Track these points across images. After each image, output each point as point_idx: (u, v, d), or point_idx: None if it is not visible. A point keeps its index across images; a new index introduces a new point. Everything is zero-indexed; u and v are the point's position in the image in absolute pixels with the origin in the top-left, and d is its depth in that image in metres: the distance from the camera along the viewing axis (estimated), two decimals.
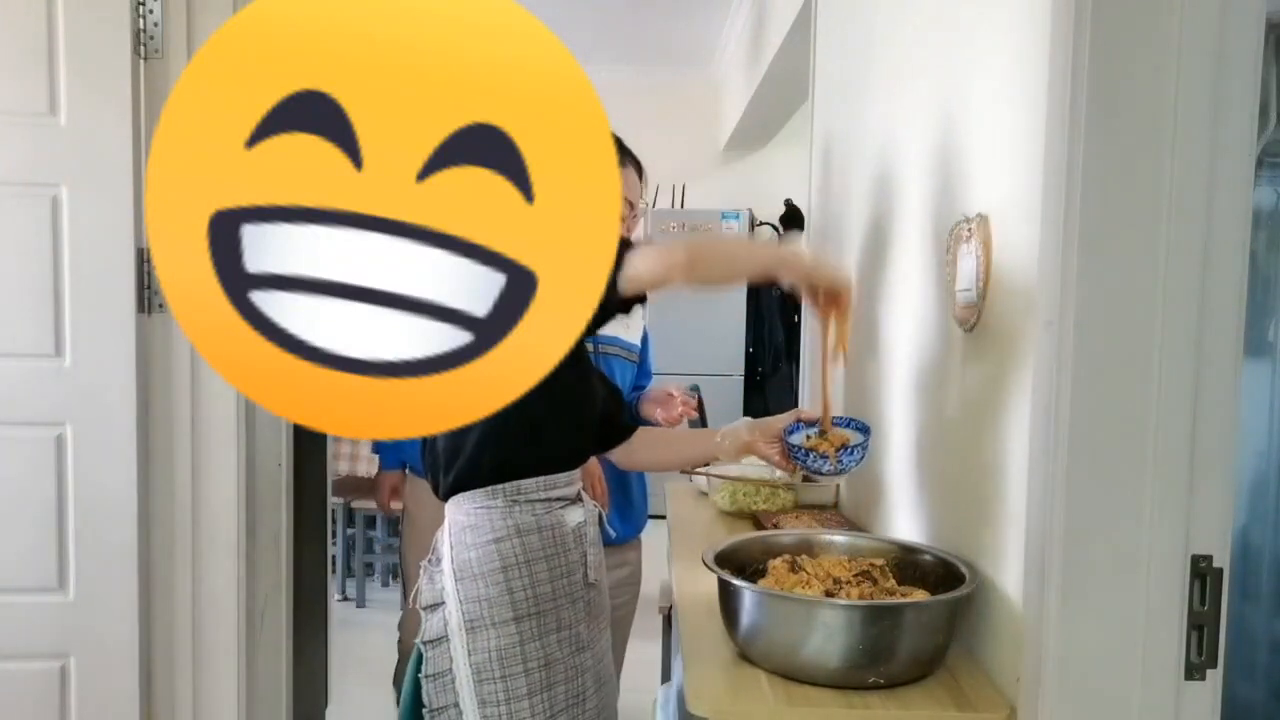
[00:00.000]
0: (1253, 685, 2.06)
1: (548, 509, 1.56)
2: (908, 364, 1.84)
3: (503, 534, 1.53)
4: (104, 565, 1.94)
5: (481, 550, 1.52)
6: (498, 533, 1.53)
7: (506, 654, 1.50)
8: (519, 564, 1.52)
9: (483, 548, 1.52)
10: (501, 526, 1.53)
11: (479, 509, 1.54)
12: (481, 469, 1.55)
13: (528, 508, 1.55)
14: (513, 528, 1.53)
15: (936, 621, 1.33)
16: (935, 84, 1.74)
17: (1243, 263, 1.14)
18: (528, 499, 1.55)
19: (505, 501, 1.54)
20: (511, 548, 1.52)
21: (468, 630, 1.51)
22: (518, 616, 1.50)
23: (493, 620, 1.50)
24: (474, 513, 1.55)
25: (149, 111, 1.91)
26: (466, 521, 1.55)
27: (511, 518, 1.54)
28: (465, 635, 1.51)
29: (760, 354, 6.41)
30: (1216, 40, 1.11)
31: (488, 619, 1.50)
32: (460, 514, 1.56)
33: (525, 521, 1.54)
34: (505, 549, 1.52)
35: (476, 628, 1.50)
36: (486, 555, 1.52)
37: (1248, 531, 2.06)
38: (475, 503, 1.55)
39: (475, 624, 1.51)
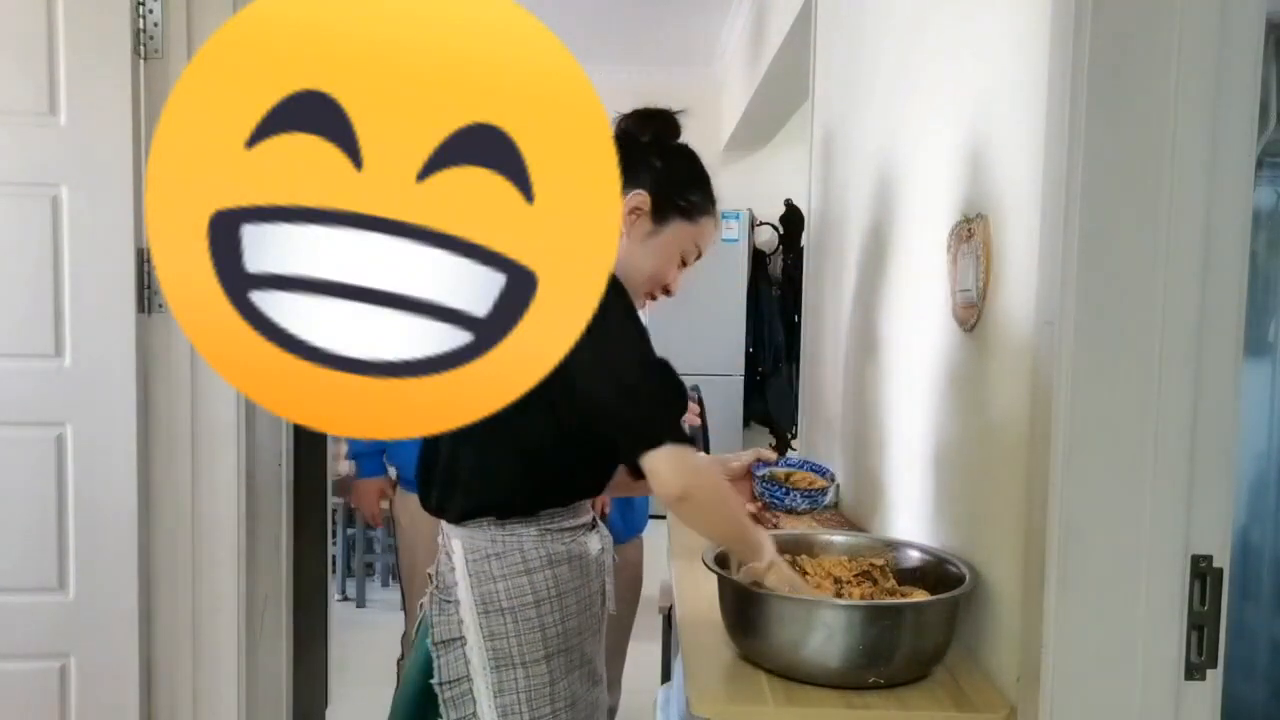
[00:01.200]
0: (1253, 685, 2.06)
1: (574, 537, 1.45)
2: (908, 363, 1.84)
3: (535, 565, 1.40)
4: (104, 565, 1.93)
5: (511, 582, 1.39)
6: (530, 563, 1.40)
7: (535, 694, 1.38)
8: (550, 598, 1.40)
9: (513, 579, 1.39)
10: (534, 556, 1.40)
11: (508, 536, 1.41)
12: (518, 494, 1.41)
13: (558, 536, 1.43)
14: (545, 558, 1.41)
15: (936, 621, 1.33)
16: (935, 84, 1.74)
17: (1243, 263, 1.14)
18: (560, 527, 1.43)
19: (538, 530, 1.41)
20: (544, 580, 1.40)
21: (494, 669, 1.38)
22: (549, 655, 1.39)
23: (523, 659, 1.38)
24: (501, 540, 1.41)
25: (149, 111, 1.91)
26: (490, 549, 1.41)
27: (544, 547, 1.41)
28: (491, 675, 1.38)
29: (760, 354, 6.41)
30: (1216, 40, 1.11)
31: (517, 658, 1.38)
32: (482, 539, 1.42)
33: (557, 551, 1.42)
34: (537, 581, 1.40)
35: (503, 667, 1.38)
36: (516, 588, 1.39)
37: (1248, 531, 2.06)
38: (503, 529, 1.42)
39: (502, 663, 1.38)
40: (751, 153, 6.79)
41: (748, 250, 6.38)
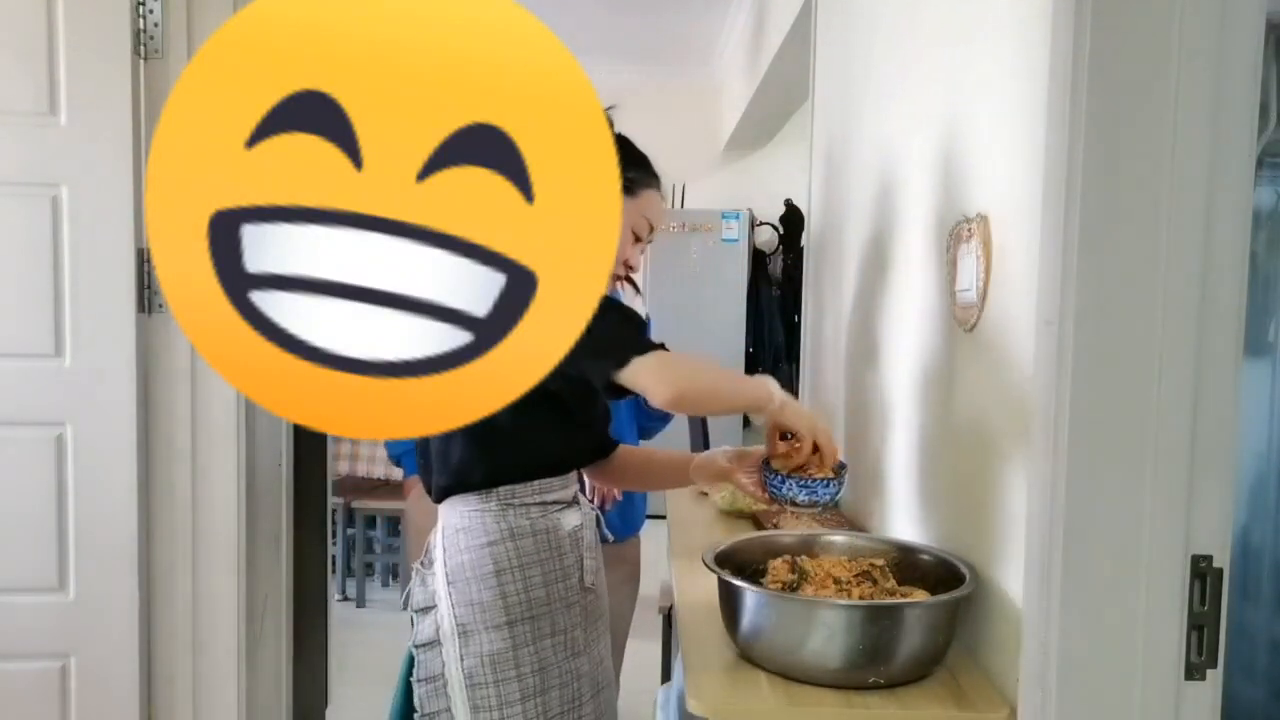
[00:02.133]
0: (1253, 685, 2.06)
1: (543, 512, 1.55)
2: (908, 363, 1.84)
3: (496, 537, 1.51)
4: (104, 565, 1.94)
5: (475, 554, 1.51)
6: (490, 536, 1.51)
7: (499, 659, 1.48)
8: (512, 568, 1.50)
9: (476, 551, 1.51)
10: (495, 530, 1.52)
11: (472, 511, 1.53)
12: (474, 472, 1.53)
13: (522, 511, 1.53)
14: (506, 531, 1.52)
15: (936, 621, 1.33)
16: (935, 84, 1.74)
17: (1243, 263, 1.14)
18: (522, 502, 1.54)
19: (499, 505, 1.53)
20: (505, 551, 1.51)
21: (460, 634, 1.49)
22: (511, 621, 1.49)
23: (485, 625, 1.49)
24: (467, 515, 1.53)
25: (149, 111, 1.91)
26: (460, 524, 1.53)
27: (505, 521, 1.52)
28: (458, 639, 1.49)
29: (760, 354, 6.41)
30: (1216, 40, 1.11)
31: (480, 623, 1.49)
32: (454, 516, 1.55)
33: (519, 525, 1.53)
34: (498, 552, 1.51)
35: (469, 632, 1.49)
36: (479, 559, 1.50)
37: (1248, 531, 2.07)
38: (469, 505, 1.54)
39: (468, 628, 1.49)
40: (751, 153, 6.79)
41: (748, 250, 6.38)
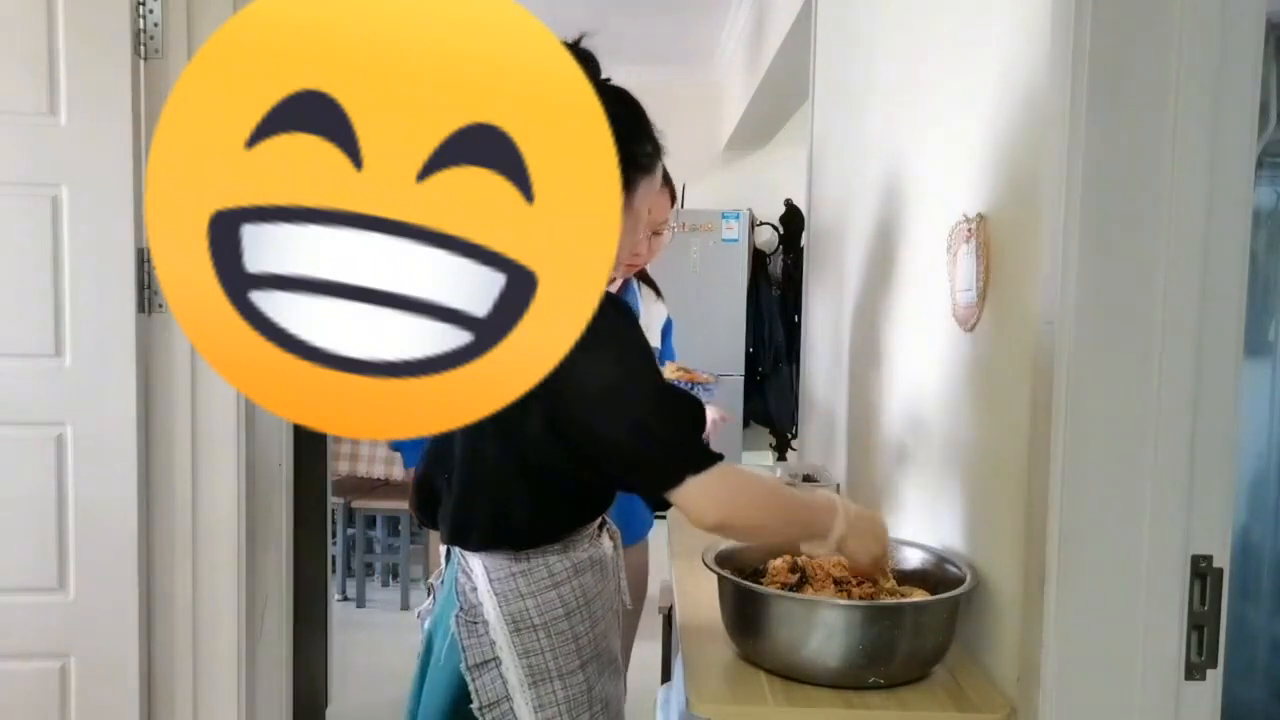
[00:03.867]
0: (1253, 685, 2.06)
1: (591, 542, 1.45)
2: (908, 363, 1.84)
3: (561, 577, 1.40)
4: (104, 565, 1.93)
5: (540, 599, 1.39)
6: (556, 577, 1.40)
7: (575, 703, 1.39)
8: (579, 607, 1.40)
9: (541, 595, 1.39)
10: (560, 569, 1.40)
11: (532, 551, 1.40)
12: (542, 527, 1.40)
13: (579, 544, 1.43)
14: (570, 569, 1.41)
15: (936, 621, 1.33)
16: (934, 83, 1.74)
17: (1243, 263, 1.14)
18: (579, 535, 1.44)
19: (562, 544, 1.41)
20: (572, 591, 1.40)
21: (531, 686, 1.37)
22: (584, 662, 1.40)
23: (559, 672, 1.38)
24: (526, 555, 1.40)
25: (149, 111, 1.91)
26: (514, 567, 1.39)
27: (568, 558, 1.41)
28: (530, 692, 1.37)
29: (760, 354, 6.40)
30: (1217, 40, 1.11)
31: (554, 671, 1.38)
32: (503, 558, 1.40)
33: (580, 560, 1.42)
34: (566, 594, 1.40)
35: (541, 681, 1.38)
36: (546, 603, 1.39)
37: (1248, 531, 2.07)
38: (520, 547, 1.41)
39: (539, 678, 1.38)
40: (751, 153, 6.79)
41: (748, 250, 6.38)
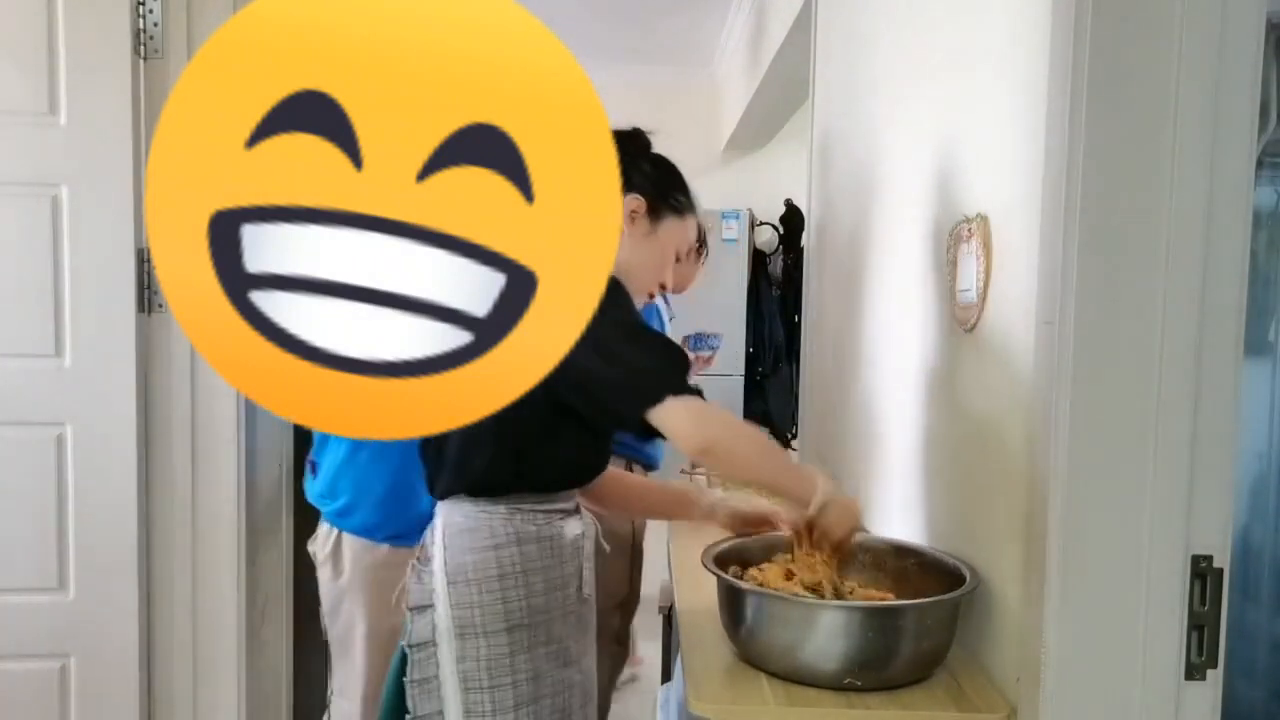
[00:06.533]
0: (1253, 685, 2.06)
1: (548, 520, 1.54)
2: (908, 363, 1.84)
3: (502, 540, 1.50)
4: (104, 565, 1.94)
5: (479, 556, 1.49)
6: (497, 539, 1.50)
7: (495, 664, 1.47)
8: (515, 573, 1.49)
9: (480, 553, 1.49)
10: (501, 533, 1.50)
11: (480, 513, 1.52)
12: (496, 478, 1.51)
13: (529, 516, 1.52)
14: (513, 535, 1.50)
15: (937, 621, 1.33)
16: (935, 84, 1.74)
17: (1243, 263, 1.14)
18: (530, 508, 1.53)
19: (508, 508, 1.51)
20: (510, 556, 1.50)
21: (458, 636, 1.47)
22: (510, 626, 1.48)
23: (484, 628, 1.47)
24: (474, 516, 1.51)
25: (149, 111, 1.91)
26: (465, 524, 1.51)
27: (512, 525, 1.51)
28: (455, 641, 1.47)
29: (760, 354, 6.40)
30: (1217, 40, 1.11)
31: (479, 626, 1.47)
32: (457, 515, 1.53)
33: (525, 530, 1.51)
34: (504, 556, 1.50)
35: (466, 634, 1.47)
36: (483, 561, 1.49)
37: (1248, 531, 2.07)
38: (476, 506, 1.52)
39: (466, 630, 1.48)
40: (751, 153, 6.78)
41: (748, 250, 6.37)
